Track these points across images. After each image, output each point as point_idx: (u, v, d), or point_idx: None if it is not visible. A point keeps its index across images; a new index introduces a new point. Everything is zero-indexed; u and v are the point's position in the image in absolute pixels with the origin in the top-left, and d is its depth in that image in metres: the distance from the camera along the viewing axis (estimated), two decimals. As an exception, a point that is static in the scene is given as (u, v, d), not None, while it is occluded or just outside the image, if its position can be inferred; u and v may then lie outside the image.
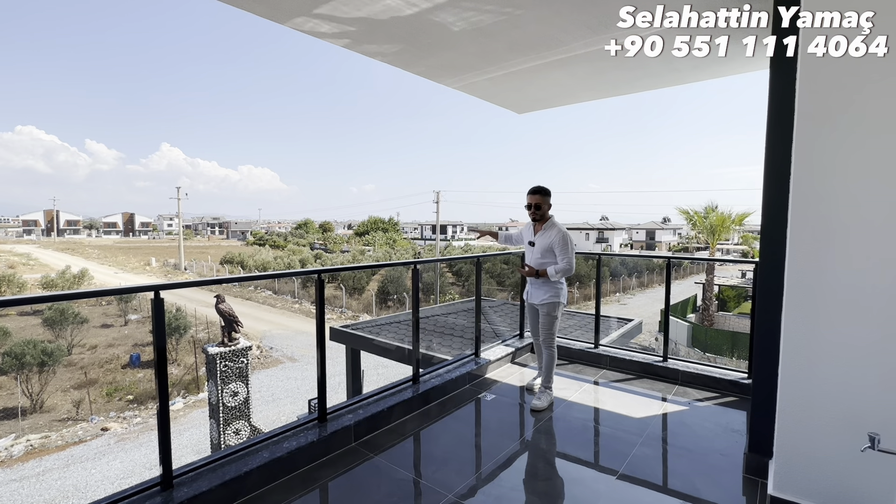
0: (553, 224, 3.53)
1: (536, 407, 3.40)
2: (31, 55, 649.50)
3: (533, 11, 2.82)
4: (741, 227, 22.85)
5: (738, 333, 16.68)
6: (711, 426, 3.15)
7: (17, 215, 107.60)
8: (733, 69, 3.77)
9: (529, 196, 3.53)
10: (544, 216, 3.54)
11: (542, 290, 3.54)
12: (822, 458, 1.99)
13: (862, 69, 1.85)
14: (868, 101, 1.85)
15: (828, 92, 1.92)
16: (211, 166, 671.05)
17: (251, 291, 30.76)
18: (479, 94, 4.65)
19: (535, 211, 3.51)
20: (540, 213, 3.51)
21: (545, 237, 3.51)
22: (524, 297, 3.79)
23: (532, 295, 3.62)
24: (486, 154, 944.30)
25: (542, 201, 3.50)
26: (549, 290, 3.53)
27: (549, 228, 3.52)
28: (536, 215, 3.52)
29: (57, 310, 17.48)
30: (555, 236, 3.47)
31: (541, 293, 3.55)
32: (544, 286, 3.54)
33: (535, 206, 3.50)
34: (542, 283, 3.54)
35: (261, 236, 72.31)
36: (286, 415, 13.11)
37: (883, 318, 1.85)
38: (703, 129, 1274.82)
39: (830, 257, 1.94)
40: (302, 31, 3.11)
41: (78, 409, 13.68)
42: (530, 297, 3.64)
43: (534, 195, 3.50)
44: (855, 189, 1.88)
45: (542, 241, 3.52)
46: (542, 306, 3.55)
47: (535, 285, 3.59)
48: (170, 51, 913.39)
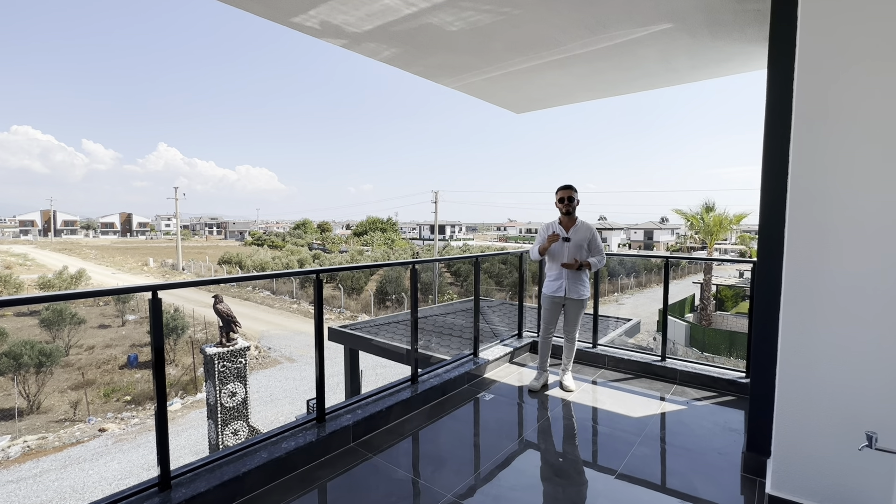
0: (581, 220, 3.72)
1: (572, 388, 3.74)
2: (27, 55, 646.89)
3: (531, 11, 2.82)
4: (738, 227, 22.93)
5: (735, 333, 16.73)
6: (709, 425, 3.16)
7: (14, 215, 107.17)
8: (731, 69, 3.78)
9: (564, 191, 3.68)
10: (575, 210, 3.71)
11: (581, 284, 3.69)
12: (819, 457, 2.00)
13: (861, 67, 1.86)
14: (866, 102, 1.86)
15: (826, 92, 1.93)
16: (208, 166, 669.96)
17: (249, 292, 30.70)
18: (478, 94, 4.65)
19: (569, 204, 3.66)
20: (573, 207, 3.68)
21: (581, 232, 3.67)
22: (549, 292, 3.76)
23: (570, 290, 3.68)
24: (484, 154, 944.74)
25: (575, 195, 3.68)
26: (585, 284, 3.71)
27: (580, 224, 3.71)
28: (571, 208, 3.67)
29: (54, 310, 17.41)
30: (590, 231, 3.69)
31: (581, 288, 3.69)
32: (581, 281, 3.69)
33: (569, 200, 3.65)
34: (577, 277, 3.67)
35: (259, 236, 72.19)
36: (284, 415, 13.09)
37: (881, 317, 1.85)
38: (701, 130, 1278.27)
39: (828, 257, 1.94)
40: (301, 30, 3.10)
41: (75, 410, 13.63)
42: (568, 293, 3.68)
43: (568, 189, 3.67)
44: (853, 189, 1.89)
45: (578, 236, 3.66)
46: (581, 301, 3.69)
47: (572, 280, 3.67)
48: (167, 51, 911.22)
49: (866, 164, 1.86)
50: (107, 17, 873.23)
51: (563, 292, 3.69)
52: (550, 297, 3.76)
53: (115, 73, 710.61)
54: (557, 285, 3.72)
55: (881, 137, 1.83)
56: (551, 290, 3.75)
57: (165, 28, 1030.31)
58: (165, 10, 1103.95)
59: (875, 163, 1.84)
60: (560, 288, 3.71)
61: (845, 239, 1.91)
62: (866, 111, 1.85)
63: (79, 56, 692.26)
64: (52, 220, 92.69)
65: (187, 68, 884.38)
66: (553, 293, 3.74)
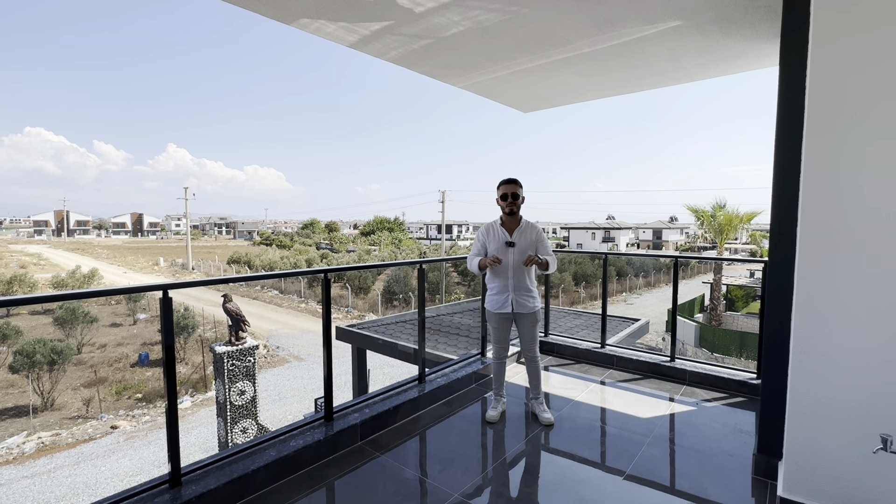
0: (526, 220, 3.22)
1: (551, 420, 3.18)
2: (38, 57, 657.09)
3: (538, 10, 2.80)
4: (749, 226, 22.66)
5: (746, 333, 16.55)
6: (719, 427, 3.13)
7: (29, 216, 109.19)
8: (741, 66, 3.73)
9: (507, 185, 3.14)
10: (519, 209, 3.22)
11: (529, 295, 3.18)
12: (832, 460, 1.97)
13: (875, 64, 1.82)
14: (883, 98, 1.82)
15: (839, 88, 1.90)
16: (217, 166, 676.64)
17: (258, 291, 30.95)
18: (485, 94, 4.64)
19: (513, 202, 3.14)
20: (518, 205, 3.17)
21: (527, 235, 3.17)
22: (494, 308, 3.23)
23: (518, 304, 3.17)
24: (491, 153, 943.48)
25: (520, 191, 3.17)
26: (534, 294, 3.22)
27: (526, 225, 3.19)
28: (515, 207, 3.15)
29: (67, 309, 17.71)
30: (537, 233, 3.19)
31: (529, 300, 3.18)
32: (530, 292, 3.19)
33: (513, 197, 3.13)
34: (524, 288, 3.17)
35: (267, 236, 72.76)
36: (293, 413, 13.18)
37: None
38: (712, 128, 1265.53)
39: (842, 256, 1.91)
40: (309, 31, 3.12)
41: (88, 407, 13.84)
42: (516, 307, 3.17)
43: (512, 184, 3.13)
44: (867, 187, 1.86)
45: (524, 239, 3.15)
46: (533, 314, 3.20)
47: (520, 292, 3.16)
48: (174, 52, 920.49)
49: (882, 162, 1.83)
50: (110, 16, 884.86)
51: (511, 307, 3.17)
52: (496, 313, 3.23)
53: (124, 74, 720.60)
54: (502, 300, 3.19)
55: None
56: (496, 305, 3.21)
57: (173, 29, 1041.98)
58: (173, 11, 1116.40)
59: (892, 160, 1.81)
60: (506, 302, 3.18)
61: (860, 238, 1.87)
62: (883, 108, 1.82)
63: (89, 57, 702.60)
64: (66, 220, 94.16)
65: (194, 69, 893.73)
66: (498, 309, 3.21)
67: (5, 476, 10.37)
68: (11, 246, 59.29)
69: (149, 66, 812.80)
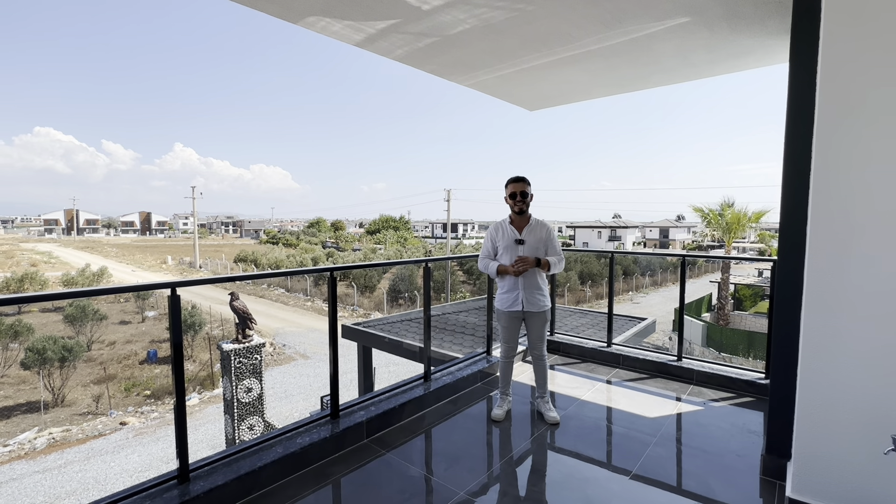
0: (535, 217, 3.25)
1: (557, 419, 3.18)
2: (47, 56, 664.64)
3: (545, 7, 2.79)
4: (758, 224, 22.44)
5: (754, 333, 16.40)
6: (727, 427, 3.10)
7: (39, 214, 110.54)
8: (750, 63, 3.68)
9: (515, 184, 3.16)
10: (528, 206, 3.24)
11: (539, 293, 3.20)
12: (842, 461, 1.95)
13: (887, 61, 1.80)
14: (893, 95, 1.79)
15: (850, 84, 1.87)
16: (223, 165, 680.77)
17: (264, 289, 31.15)
18: (491, 92, 4.63)
19: (522, 200, 3.15)
20: (527, 203, 3.19)
21: (537, 233, 3.19)
22: (504, 307, 3.24)
23: (528, 302, 3.17)
24: (496, 151, 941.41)
25: (528, 189, 3.19)
26: (544, 292, 3.22)
27: (535, 223, 3.22)
28: (524, 205, 3.17)
29: (77, 306, 17.92)
30: (547, 231, 3.22)
31: (540, 298, 3.19)
32: (541, 290, 3.20)
33: (521, 195, 3.15)
34: (534, 286, 3.18)
35: (274, 235, 73.12)
36: (299, 411, 13.27)
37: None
38: (720, 126, 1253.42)
39: (853, 255, 1.89)
40: (314, 30, 3.13)
41: (97, 403, 14.02)
42: (526, 305, 3.18)
43: (520, 182, 3.16)
44: (879, 185, 1.83)
45: (533, 237, 3.18)
46: (543, 313, 3.21)
47: (530, 290, 3.17)
48: (180, 52, 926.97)
49: (893, 159, 1.80)
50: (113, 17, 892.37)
51: (521, 305, 3.18)
52: (506, 312, 3.23)
53: (129, 74, 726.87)
54: (513, 298, 3.19)
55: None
56: (506, 304, 3.22)
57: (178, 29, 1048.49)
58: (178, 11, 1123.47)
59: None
60: (517, 301, 3.18)
61: (872, 237, 1.85)
62: (893, 104, 1.79)
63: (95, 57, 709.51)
64: (75, 219, 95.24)
65: (200, 69, 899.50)
66: (508, 308, 3.21)
67: (18, 471, 10.53)
68: (22, 244, 60.08)
69: (155, 65, 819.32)
